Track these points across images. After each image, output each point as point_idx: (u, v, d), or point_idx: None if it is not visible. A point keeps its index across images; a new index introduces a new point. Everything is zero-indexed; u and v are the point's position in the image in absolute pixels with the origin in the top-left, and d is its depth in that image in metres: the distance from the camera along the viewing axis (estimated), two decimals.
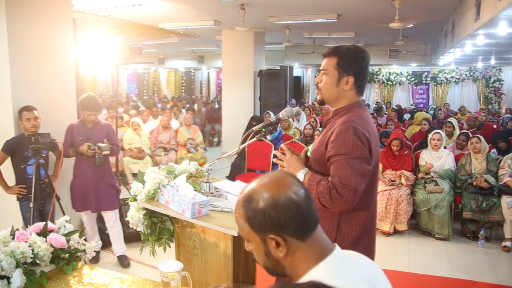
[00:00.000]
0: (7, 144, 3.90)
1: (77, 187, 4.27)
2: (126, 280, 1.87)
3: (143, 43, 11.72)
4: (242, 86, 10.39)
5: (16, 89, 4.12)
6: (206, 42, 12.85)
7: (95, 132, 4.25)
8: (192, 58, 18.14)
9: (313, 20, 8.06)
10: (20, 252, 1.73)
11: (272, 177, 1.19)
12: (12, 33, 4.07)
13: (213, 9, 7.53)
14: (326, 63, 2.04)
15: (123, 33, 9.57)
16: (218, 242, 2.28)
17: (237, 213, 1.19)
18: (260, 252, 1.17)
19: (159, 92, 22.22)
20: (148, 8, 6.91)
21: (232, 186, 2.69)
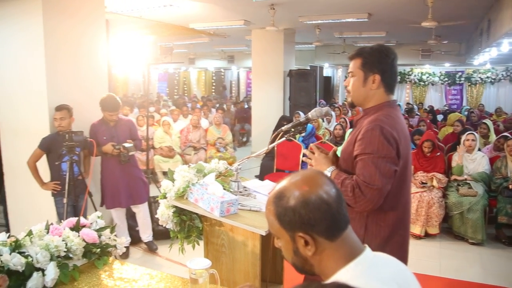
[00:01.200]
0: (44, 142, 4.02)
1: (107, 185, 4.38)
2: (155, 276, 1.90)
3: (174, 43, 11.85)
4: (272, 86, 10.38)
5: (51, 88, 4.24)
6: (236, 42, 12.91)
7: (118, 130, 4.35)
8: (222, 58, 18.26)
9: (344, 19, 7.98)
10: (54, 246, 1.79)
11: (304, 175, 1.18)
12: (48, 34, 4.19)
13: (243, 9, 7.56)
14: (352, 66, 2.04)
15: (154, 34, 9.70)
16: (246, 241, 2.28)
17: (268, 209, 1.19)
18: (288, 249, 1.18)
19: (189, 91, 22.44)
20: (179, 9, 6.99)
21: (261, 186, 2.69)
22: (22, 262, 1.66)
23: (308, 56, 15.75)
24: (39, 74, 4.23)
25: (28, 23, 4.24)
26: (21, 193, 4.69)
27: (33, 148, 4.13)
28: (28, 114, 4.41)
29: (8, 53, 4.51)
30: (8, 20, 4.45)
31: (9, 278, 1.61)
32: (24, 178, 4.58)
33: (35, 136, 4.20)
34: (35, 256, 1.71)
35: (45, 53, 4.18)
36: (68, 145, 3.75)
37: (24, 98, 4.42)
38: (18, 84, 4.45)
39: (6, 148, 4.78)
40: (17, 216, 4.81)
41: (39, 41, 4.19)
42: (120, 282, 1.83)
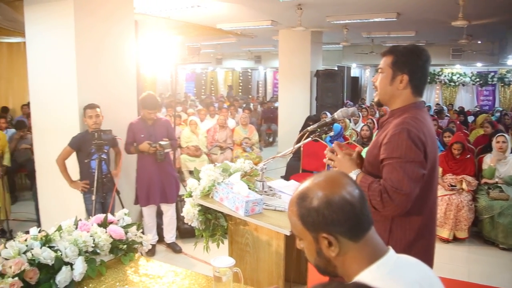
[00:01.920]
0: (74, 140, 4.12)
1: (142, 183, 4.47)
2: (180, 273, 1.92)
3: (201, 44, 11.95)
4: (299, 86, 10.36)
5: (81, 87, 4.34)
6: (263, 42, 12.92)
7: (155, 128, 4.43)
8: (249, 58, 18.31)
9: (372, 19, 7.90)
10: (83, 241, 1.83)
11: (327, 176, 1.18)
12: (78, 35, 4.29)
13: (270, 9, 7.56)
14: (382, 62, 2.01)
15: (182, 34, 9.79)
16: (271, 240, 2.29)
17: (291, 210, 1.19)
18: (311, 250, 1.18)
19: (216, 91, 22.57)
20: (207, 9, 7.05)
21: (286, 186, 2.69)
22: (52, 256, 1.71)
23: (335, 56, 15.64)
24: (70, 74, 4.33)
25: (60, 25, 4.35)
26: (51, 189, 4.81)
27: (64, 146, 4.24)
28: (59, 113, 4.53)
29: (40, 53, 4.63)
30: (40, 21, 4.57)
31: (40, 271, 1.67)
32: (54, 175, 4.69)
33: (65, 134, 4.30)
34: (64, 250, 1.76)
35: (75, 53, 4.28)
36: (97, 144, 3.82)
37: (55, 97, 4.54)
38: (50, 83, 4.57)
39: (38, 146, 4.91)
40: (47, 212, 4.93)
41: (70, 42, 4.29)
42: (145, 278, 1.86)
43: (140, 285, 1.81)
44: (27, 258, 1.66)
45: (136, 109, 4.88)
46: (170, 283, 1.83)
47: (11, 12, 6.12)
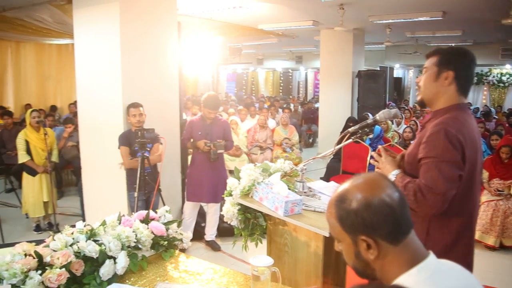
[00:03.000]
0: (123, 138, 4.23)
1: (193, 179, 4.58)
2: (219, 270, 1.94)
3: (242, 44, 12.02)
4: (340, 87, 10.25)
5: (125, 87, 4.46)
6: (304, 42, 12.87)
7: (213, 128, 4.53)
8: (290, 58, 18.27)
9: (416, 18, 7.70)
10: (125, 236, 1.89)
11: (366, 178, 1.17)
12: (124, 36, 4.41)
13: (312, 9, 7.52)
14: (427, 62, 2.00)
15: (224, 35, 9.89)
16: (309, 241, 2.28)
17: (329, 212, 1.19)
18: (350, 252, 1.17)
19: (257, 91, 22.65)
20: (248, 10, 7.08)
21: (326, 187, 2.68)
22: (96, 249, 1.77)
23: (378, 56, 15.38)
24: (115, 74, 4.46)
25: (106, 26, 4.48)
26: (96, 186, 4.97)
27: (109, 144, 4.36)
28: (104, 112, 4.66)
29: (87, 54, 4.79)
30: (88, 23, 4.73)
31: (85, 263, 1.73)
32: (99, 172, 4.86)
33: (110, 133, 4.44)
34: (108, 244, 1.82)
35: (121, 54, 4.40)
36: (140, 142, 3.91)
37: (101, 97, 4.68)
38: (96, 83, 4.72)
39: (84, 144, 5.07)
40: (91, 207, 5.09)
41: (115, 43, 4.41)
42: (185, 275, 1.90)
43: (179, 281, 1.85)
44: (74, 250, 1.73)
45: (178, 108, 4.97)
46: (209, 280, 1.86)
47: (60, 15, 6.36)
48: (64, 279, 1.61)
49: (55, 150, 5.54)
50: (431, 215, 1.86)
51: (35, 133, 5.24)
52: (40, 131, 5.23)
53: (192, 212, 4.70)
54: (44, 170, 5.28)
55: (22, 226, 5.68)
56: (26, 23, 7.43)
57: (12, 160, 6.84)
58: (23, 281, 1.54)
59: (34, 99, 10.95)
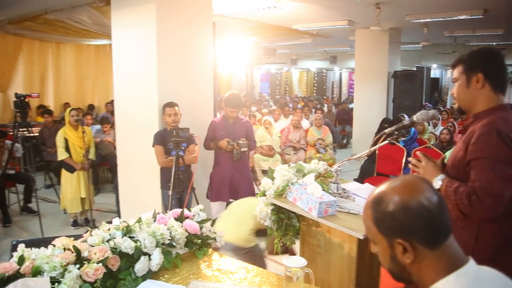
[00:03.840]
0: (158, 137, 4.30)
1: (216, 178, 4.59)
2: (251, 270, 1.95)
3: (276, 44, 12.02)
4: (375, 87, 10.11)
5: (161, 86, 4.53)
6: (339, 42, 12.75)
7: (235, 127, 4.53)
8: (324, 58, 18.15)
9: (456, 17, 7.49)
10: (160, 234, 1.91)
11: (404, 180, 1.15)
12: (160, 36, 4.48)
13: (347, 9, 7.44)
14: (455, 73, 1.96)
15: (258, 35, 9.91)
16: (343, 243, 2.26)
17: (365, 214, 1.17)
18: (385, 255, 1.15)
19: (291, 92, 22.61)
20: (283, 10, 7.07)
21: (361, 189, 2.64)
22: (132, 245, 1.80)
23: (414, 56, 15.09)
24: (151, 74, 4.54)
25: (143, 27, 4.57)
26: (131, 184, 5.06)
27: (144, 142, 4.44)
28: (140, 111, 4.75)
29: (124, 54, 4.89)
30: (126, 24, 4.83)
31: (120, 259, 1.76)
32: (134, 170, 4.95)
33: (145, 132, 4.52)
34: (143, 241, 1.85)
35: (157, 54, 4.47)
36: (175, 141, 3.95)
37: (137, 96, 4.77)
38: (133, 83, 4.81)
39: (120, 142, 5.18)
40: (126, 204, 5.19)
41: (152, 44, 4.49)
42: (218, 273, 1.91)
43: (212, 279, 1.86)
44: (110, 246, 1.76)
45: (212, 108, 5.01)
46: (241, 279, 1.86)
47: (99, 16, 6.52)
48: (100, 273, 1.64)
49: (92, 148, 5.68)
50: (481, 219, 1.78)
51: (73, 131, 5.38)
52: (79, 129, 5.38)
53: (218, 211, 4.71)
54: (82, 167, 5.42)
55: (60, 221, 5.86)
56: (67, 25, 7.66)
57: (51, 157, 7.07)
58: (62, 274, 1.58)
59: (73, 98, 11.28)
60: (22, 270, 1.56)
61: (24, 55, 10.37)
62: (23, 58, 10.36)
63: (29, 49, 10.45)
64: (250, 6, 6.84)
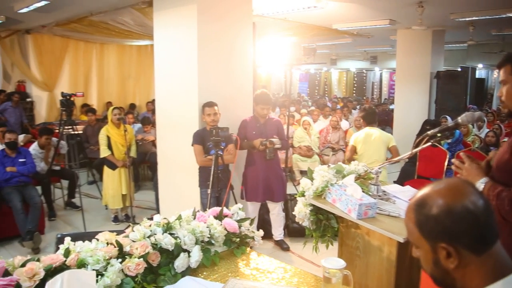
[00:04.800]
0: (197, 137, 4.35)
1: (249, 178, 4.59)
2: (289, 270, 1.94)
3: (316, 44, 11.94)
4: (417, 88, 9.87)
5: (201, 86, 4.58)
6: (379, 42, 12.54)
7: (267, 127, 4.52)
8: (364, 58, 17.89)
9: (504, 15, 7.20)
10: (200, 231, 1.94)
11: (448, 183, 1.12)
12: (200, 36, 4.53)
13: (389, 8, 7.30)
14: (502, 74, 1.85)
15: (298, 35, 9.87)
16: (382, 246, 2.22)
17: (408, 217, 1.15)
18: (428, 260, 1.12)
19: (330, 92, 22.43)
20: (323, 10, 7.01)
21: (401, 191, 2.59)
22: (172, 242, 1.83)
23: (458, 56, 14.66)
24: (192, 74, 4.60)
25: (184, 28, 4.64)
26: (170, 182, 5.15)
27: (184, 141, 4.50)
28: (180, 110, 4.83)
29: (166, 55, 4.98)
30: (167, 25, 4.92)
31: (161, 255, 1.80)
32: (174, 168, 5.03)
33: (185, 131, 4.58)
34: (183, 238, 1.88)
35: (197, 54, 4.53)
36: (214, 140, 3.99)
37: (178, 96, 4.85)
38: (173, 83, 4.89)
39: (161, 140, 5.28)
40: (165, 201, 5.29)
41: (193, 44, 4.55)
42: (255, 272, 1.91)
43: (250, 277, 1.87)
44: (151, 242, 1.80)
45: (251, 108, 5.03)
46: (279, 279, 1.86)
47: (141, 17, 6.67)
48: (141, 268, 1.68)
49: (133, 146, 5.81)
50: None
51: (116, 130, 5.52)
52: (121, 127, 5.51)
53: (253, 211, 4.71)
54: (123, 165, 5.55)
55: (101, 216, 6.03)
56: (110, 26, 7.89)
57: (94, 154, 7.29)
58: (105, 267, 1.63)
59: (115, 97, 11.59)
60: (68, 262, 1.61)
61: (70, 55, 10.75)
62: (69, 59, 10.74)
63: (75, 50, 10.82)
64: (290, 6, 6.83)
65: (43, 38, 10.06)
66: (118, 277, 1.62)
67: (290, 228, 5.05)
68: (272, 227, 4.85)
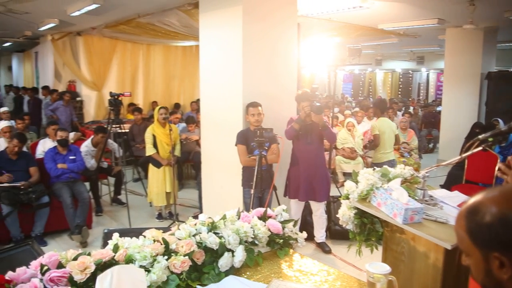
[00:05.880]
0: (240, 137, 4.38)
1: (292, 176, 4.58)
2: (332, 273, 1.92)
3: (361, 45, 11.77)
4: (466, 89, 9.54)
5: (246, 86, 4.61)
6: (427, 42, 12.21)
7: (313, 126, 4.44)
8: (411, 59, 17.46)
9: None
10: (244, 231, 1.96)
11: (503, 191, 1.08)
12: (246, 37, 4.56)
13: (438, 6, 7.09)
14: None
15: (342, 35, 9.76)
16: (428, 253, 2.17)
17: (458, 224, 1.11)
18: (479, 269, 1.08)
19: (375, 93, 22.06)
20: (368, 10, 6.91)
21: (449, 197, 2.52)
22: (217, 241, 1.86)
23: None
24: (236, 74, 4.64)
25: (230, 29, 4.68)
26: (213, 181, 5.21)
27: (228, 141, 4.54)
28: (225, 110, 4.88)
29: (211, 55, 5.05)
30: (213, 26, 4.99)
31: (205, 253, 1.83)
32: (217, 168, 5.09)
33: (229, 131, 4.63)
34: (227, 238, 1.90)
35: (242, 55, 4.56)
36: (258, 141, 4.01)
37: (222, 95, 4.90)
38: (218, 83, 4.95)
39: (205, 140, 5.35)
40: (208, 200, 5.36)
41: (238, 45, 4.59)
42: (298, 274, 1.91)
43: (293, 279, 1.86)
44: (196, 240, 1.83)
45: (295, 109, 5.02)
46: (322, 282, 1.85)
47: (187, 19, 6.79)
48: (186, 266, 1.71)
49: (178, 145, 5.92)
50: None
51: (161, 129, 5.64)
52: (166, 127, 5.62)
53: (297, 212, 4.69)
54: (168, 163, 5.66)
55: (146, 213, 6.17)
56: (157, 28, 8.07)
57: (140, 153, 7.47)
58: (152, 264, 1.67)
59: (160, 97, 11.84)
60: (117, 257, 1.67)
61: (118, 56, 11.08)
62: (117, 59, 11.07)
63: (122, 51, 11.15)
64: (335, 7, 6.77)
65: (93, 39, 10.42)
66: (164, 273, 1.65)
67: (332, 231, 5.00)
68: (314, 229, 4.81)
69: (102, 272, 1.53)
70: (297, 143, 4.52)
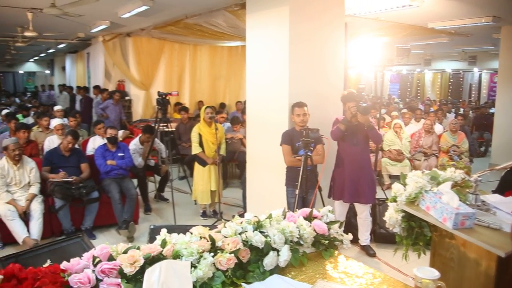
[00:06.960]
0: (286, 137, 4.38)
1: (337, 177, 4.53)
2: (378, 276, 1.89)
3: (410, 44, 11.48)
4: None
5: (292, 86, 4.61)
6: (480, 41, 11.76)
7: (358, 127, 4.38)
8: (462, 58, 16.87)
9: None
10: (289, 231, 1.96)
11: None
12: (292, 37, 4.56)
13: (493, 3, 6.81)
14: None
15: (390, 35, 9.57)
16: (480, 260, 2.10)
17: None
18: None
19: (423, 94, 21.51)
20: (418, 8, 6.73)
21: (503, 202, 2.42)
22: (262, 240, 1.87)
23: None
24: (283, 74, 4.64)
25: (276, 29, 4.70)
26: (258, 180, 5.24)
27: (273, 141, 4.55)
28: (270, 110, 4.89)
29: (257, 55, 5.08)
30: (260, 26, 5.02)
31: (250, 252, 1.85)
32: (261, 167, 5.11)
33: (274, 130, 4.63)
34: (272, 237, 1.91)
35: (289, 55, 4.56)
36: (304, 141, 3.99)
37: (268, 95, 4.91)
38: (264, 83, 4.97)
39: (250, 139, 5.39)
40: (252, 199, 5.39)
41: (284, 45, 4.59)
42: (343, 276, 1.89)
43: (338, 281, 1.85)
44: (242, 239, 1.85)
45: (341, 110, 4.97)
46: (367, 284, 1.82)
47: (233, 19, 6.86)
48: (232, 263, 1.74)
49: (223, 145, 5.97)
50: None
51: (207, 128, 5.71)
52: (212, 126, 5.68)
53: (341, 213, 4.62)
54: (213, 162, 5.72)
55: (191, 210, 6.28)
56: (204, 28, 8.20)
57: (186, 151, 7.61)
58: (198, 260, 1.70)
59: (206, 97, 12.00)
60: (164, 253, 1.71)
61: (165, 56, 11.33)
62: (164, 60, 11.32)
63: (170, 51, 11.39)
64: (383, 6, 6.64)
65: (141, 40, 10.70)
66: (210, 270, 1.68)
67: (377, 234, 4.91)
68: (358, 231, 4.74)
69: (150, 266, 1.58)
70: (343, 144, 4.47)
